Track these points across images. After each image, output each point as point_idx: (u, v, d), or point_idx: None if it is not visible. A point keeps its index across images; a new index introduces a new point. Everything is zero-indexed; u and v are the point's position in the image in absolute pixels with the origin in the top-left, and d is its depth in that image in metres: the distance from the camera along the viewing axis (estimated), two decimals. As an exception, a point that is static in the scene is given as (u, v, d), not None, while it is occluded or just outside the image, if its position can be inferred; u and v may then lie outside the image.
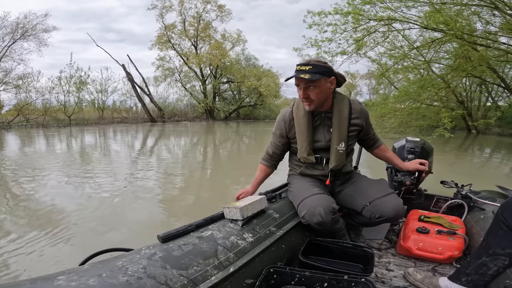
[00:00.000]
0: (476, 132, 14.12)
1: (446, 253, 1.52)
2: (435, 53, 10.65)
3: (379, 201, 1.48)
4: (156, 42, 23.02)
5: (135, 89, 21.31)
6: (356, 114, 1.60)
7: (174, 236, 1.11)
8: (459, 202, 1.89)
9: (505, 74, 12.19)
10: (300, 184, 1.63)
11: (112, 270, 0.87)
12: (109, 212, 3.23)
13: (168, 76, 24.26)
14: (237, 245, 1.18)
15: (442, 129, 8.15)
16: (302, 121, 1.59)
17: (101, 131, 14.00)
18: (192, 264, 0.98)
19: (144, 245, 1.05)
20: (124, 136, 12.14)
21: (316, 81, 1.45)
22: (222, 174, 5.55)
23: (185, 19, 23.35)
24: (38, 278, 0.80)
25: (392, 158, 1.80)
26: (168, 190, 4.20)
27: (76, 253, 2.26)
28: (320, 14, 9.09)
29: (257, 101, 27.02)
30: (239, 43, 25.75)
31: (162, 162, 6.48)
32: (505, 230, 1.12)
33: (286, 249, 1.37)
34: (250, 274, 1.12)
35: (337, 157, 1.58)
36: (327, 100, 1.55)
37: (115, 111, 21.41)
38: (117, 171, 5.23)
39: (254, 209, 1.41)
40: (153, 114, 21.81)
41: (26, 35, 16.02)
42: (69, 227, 2.76)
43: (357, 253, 1.46)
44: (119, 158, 6.82)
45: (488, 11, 8.58)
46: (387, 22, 8.74)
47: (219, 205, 1.44)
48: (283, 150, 1.75)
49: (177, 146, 9.58)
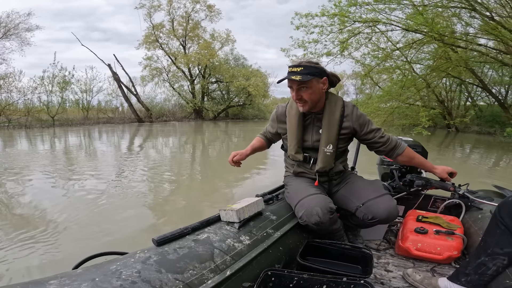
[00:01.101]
0: (455, 130, 14.53)
1: (445, 253, 1.51)
2: (417, 53, 11.12)
3: (372, 202, 1.47)
4: (143, 42, 22.86)
5: (121, 89, 21.01)
6: (348, 117, 1.57)
7: (170, 239, 1.10)
8: (457, 202, 1.88)
9: (484, 74, 12.74)
10: (296, 185, 1.62)
11: (106, 274, 0.85)
12: (95, 215, 3.16)
13: (155, 76, 24.12)
14: (234, 248, 1.16)
15: (420, 128, 8.57)
16: (293, 119, 1.60)
17: (86, 131, 13.78)
18: (187, 268, 0.97)
19: (139, 249, 1.03)
20: (110, 137, 11.99)
21: (307, 82, 1.45)
22: (211, 174, 5.47)
23: (174, 19, 23.27)
24: (30, 282, 0.78)
25: (422, 162, 1.69)
26: (157, 192, 4.13)
27: (62, 258, 2.19)
28: (307, 16, 9.35)
29: (246, 101, 27.15)
30: (228, 43, 25.80)
31: (150, 163, 6.36)
32: (503, 230, 1.12)
33: (283, 251, 1.36)
34: (248, 277, 1.11)
35: (324, 159, 1.57)
36: (320, 101, 1.55)
37: (100, 111, 21.01)
38: (103, 173, 5.12)
39: (251, 211, 1.39)
40: (140, 114, 21.55)
41: (8, 34, 15.79)
42: (54, 231, 2.70)
43: (356, 254, 1.44)
44: (105, 159, 6.66)
45: (467, 13, 8.82)
46: (371, 24, 9.00)
47: (208, 205, 1.44)
48: (272, 138, 1.83)
49: (165, 146, 9.46)
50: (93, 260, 1.06)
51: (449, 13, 9.07)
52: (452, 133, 14.23)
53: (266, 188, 1.87)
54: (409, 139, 2.22)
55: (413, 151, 1.69)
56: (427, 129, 8.45)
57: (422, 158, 1.69)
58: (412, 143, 2.17)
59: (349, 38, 9.39)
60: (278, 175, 2.01)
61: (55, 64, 17.89)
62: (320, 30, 9.34)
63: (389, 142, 1.62)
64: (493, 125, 12.73)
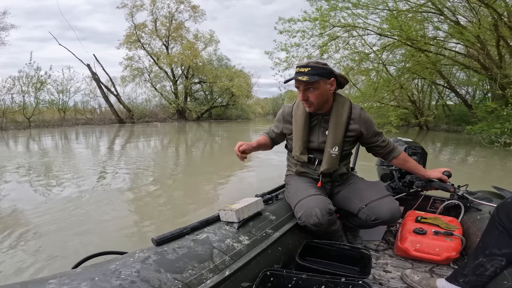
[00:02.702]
0: (426, 128, 15.40)
1: (443, 254, 1.51)
2: (392, 56, 12.13)
3: (375, 203, 1.47)
4: (124, 42, 22.67)
5: (101, 89, 20.74)
6: (355, 120, 1.57)
7: (169, 239, 1.10)
8: (456, 203, 1.88)
9: (453, 76, 13.72)
10: (297, 185, 1.62)
11: (105, 273, 0.85)
12: (75, 218, 3.01)
13: (136, 76, 24.02)
14: (233, 248, 1.16)
15: (390, 126, 9.42)
16: (299, 120, 1.59)
17: (64, 133, 13.50)
18: (187, 268, 0.97)
19: (138, 248, 1.04)
20: (90, 139, 11.74)
21: (314, 83, 1.44)
22: (195, 174, 5.35)
23: (157, 19, 23.20)
24: (29, 282, 0.78)
25: (415, 166, 1.72)
26: (139, 193, 3.99)
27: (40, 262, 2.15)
28: (290, 21, 10.04)
29: (229, 101, 27.28)
30: (211, 43, 25.95)
31: (130, 164, 6.11)
32: (501, 231, 1.12)
33: (282, 251, 1.36)
34: (246, 277, 1.11)
35: (329, 160, 1.57)
36: (327, 102, 1.53)
37: (78, 112, 20.66)
38: (80, 177, 4.83)
39: (250, 211, 1.39)
40: (122, 115, 21.27)
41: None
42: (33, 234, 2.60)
43: (355, 255, 1.45)
44: (85, 162, 6.29)
45: (435, 17, 9.56)
46: (348, 29, 9.76)
47: (206, 206, 1.43)
48: (276, 138, 1.77)
49: (147, 147, 9.25)
50: (92, 259, 1.06)
51: (420, 17, 9.67)
52: (424, 131, 14.99)
53: (266, 188, 1.87)
54: (409, 140, 2.22)
55: (407, 156, 1.73)
56: (398, 127, 9.23)
57: (415, 163, 1.74)
58: (412, 144, 2.17)
59: (327, 43, 10.14)
60: (277, 174, 2.01)
61: (31, 64, 17.53)
62: (302, 34, 10.11)
63: (388, 146, 1.66)
64: (460, 123, 13.43)
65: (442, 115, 16.28)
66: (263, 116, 53.39)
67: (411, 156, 2.04)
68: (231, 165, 5.45)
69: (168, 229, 1.16)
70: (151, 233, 2.69)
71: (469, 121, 10.66)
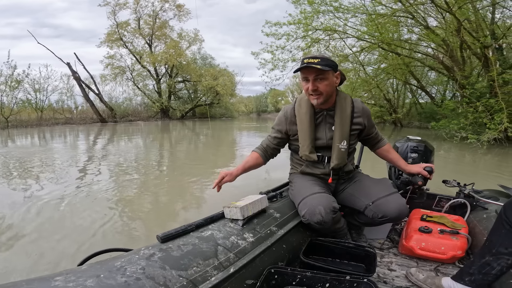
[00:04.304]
0: (400, 125, 16.52)
1: (449, 252, 1.51)
2: (369, 55, 13.04)
3: (382, 200, 1.46)
4: (106, 40, 22.39)
5: (82, 88, 20.46)
6: (359, 113, 1.58)
7: (174, 236, 1.10)
8: (462, 201, 1.87)
9: (425, 76, 14.75)
10: (301, 183, 1.61)
11: (110, 270, 0.85)
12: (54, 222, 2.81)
13: (118, 74, 23.82)
14: (238, 245, 1.17)
15: None
16: (304, 118, 1.57)
17: (42, 133, 13.04)
18: (191, 265, 0.97)
19: (143, 245, 1.04)
20: (69, 138, 11.30)
21: (325, 73, 1.44)
22: (180, 173, 5.18)
23: (140, 17, 23.00)
24: (35, 279, 0.79)
25: (396, 159, 1.76)
26: (122, 194, 3.77)
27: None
28: (276, 25, 10.80)
29: (213, 100, 27.33)
30: (196, 42, 25.90)
31: (112, 165, 5.72)
32: (508, 229, 1.11)
33: (287, 249, 1.36)
34: (251, 274, 1.11)
35: (338, 155, 1.56)
36: (332, 96, 1.54)
37: (56, 112, 20.19)
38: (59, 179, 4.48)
39: (255, 209, 1.39)
40: (103, 114, 21.02)
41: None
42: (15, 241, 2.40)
43: (359, 253, 1.44)
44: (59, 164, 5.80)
45: (407, 21, 10.15)
46: (329, 33, 10.69)
47: (196, 203, 1.41)
48: (277, 145, 1.69)
49: (130, 147, 8.85)
50: (98, 256, 1.07)
51: (394, 21, 10.26)
52: (398, 127, 15.94)
53: (270, 185, 1.87)
54: (418, 138, 2.20)
55: (391, 147, 1.79)
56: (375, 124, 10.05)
57: (398, 155, 1.79)
58: (415, 141, 2.14)
59: (310, 45, 10.87)
60: (282, 171, 1.99)
61: (9, 62, 17.02)
62: (287, 38, 10.90)
63: (377, 135, 1.75)
64: (430, 120, 14.13)
65: (414, 112, 17.45)
66: (247, 114, 53.14)
67: (410, 153, 2.06)
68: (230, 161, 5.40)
69: (171, 226, 1.16)
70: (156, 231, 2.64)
71: (437, 118, 11.16)
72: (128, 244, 1.24)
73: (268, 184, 1.77)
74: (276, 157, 1.77)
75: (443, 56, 10.04)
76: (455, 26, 8.23)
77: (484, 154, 7.07)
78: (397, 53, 10.94)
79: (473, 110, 7.85)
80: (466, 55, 9.63)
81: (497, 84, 7.29)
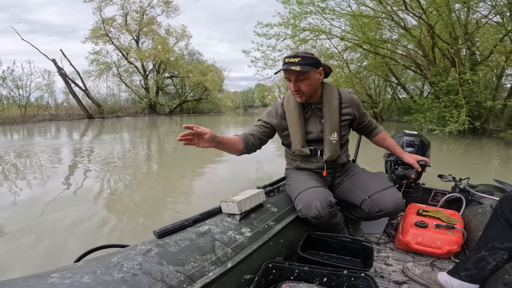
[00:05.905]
0: (381, 119, 17.45)
1: (444, 247, 1.52)
2: (353, 53, 13.92)
3: (378, 195, 1.46)
4: (91, 36, 22.07)
5: (68, 84, 20.23)
6: (347, 104, 1.59)
7: (171, 232, 1.09)
8: (457, 196, 1.88)
9: (405, 73, 15.58)
10: (297, 178, 1.61)
11: (107, 267, 0.85)
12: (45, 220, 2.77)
13: (104, 70, 23.62)
14: (235, 240, 1.16)
15: None
16: (293, 113, 1.57)
17: (25, 130, 12.86)
18: (189, 260, 0.97)
19: (140, 241, 1.03)
20: (56, 135, 11.14)
21: (306, 73, 1.43)
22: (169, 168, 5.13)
23: (128, 13, 22.74)
24: (31, 276, 0.78)
25: (393, 145, 1.77)
26: (113, 190, 3.74)
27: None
28: (267, 26, 11.66)
29: (202, 95, 27.50)
30: (183, 38, 25.86)
31: (102, 161, 5.62)
32: (504, 224, 1.12)
33: (284, 244, 1.36)
34: (249, 269, 1.11)
35: (330, 147, 1.57)
36: (317, 91, 1.54)
37: (40, 108, 19.92)
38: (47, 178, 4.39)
39: (252, 203, 1.39)
40: (91, 110, 20.80)
41: None
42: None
43: (356, 247, 1.45)
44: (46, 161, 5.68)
45: (388, 22, 10.87)
46: (316, 34, 11.78)
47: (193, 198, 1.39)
48: (262, 135, 1.62)
49: (118, 143, 8.64)
50: (94, 253, 1.06)
51: (374, 22, 11.06)
52: (379, 121, 16.74)
53: (267, 180, 1.86)
54: (414, 132, 2.21)
55: (387, 135, 1.80)
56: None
57: (394, 142, 1.79)
58: (410, 135, 2.16)
59: (298, 46, 11.73)
60: (279, 166, 1.98)
61: None
62: (277, 38, 11.79)
63: (371, 123, 1.74)
64: (407, 114, 15.27)
65: (394, 107, 18.48)
66: (234, 109, 53.19)
67: (406, 147, 2.07)
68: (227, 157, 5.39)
69: (168, 221, 1.15)
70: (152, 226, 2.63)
71: (411, 113, 11.97)
72: (125, 240, 1.23)
73: (265, 178, 1.76)
74: (271, 151, 1.75)
75: (416, 56, 11.20)
76: (427, 29, 9.03)
77: (452, 143, 8.07)
78: (376, 53, 11.87)
79: (439, 105, 8.64)
80: (437, 56, 10.54)
81: (458, 83, 8.10)
